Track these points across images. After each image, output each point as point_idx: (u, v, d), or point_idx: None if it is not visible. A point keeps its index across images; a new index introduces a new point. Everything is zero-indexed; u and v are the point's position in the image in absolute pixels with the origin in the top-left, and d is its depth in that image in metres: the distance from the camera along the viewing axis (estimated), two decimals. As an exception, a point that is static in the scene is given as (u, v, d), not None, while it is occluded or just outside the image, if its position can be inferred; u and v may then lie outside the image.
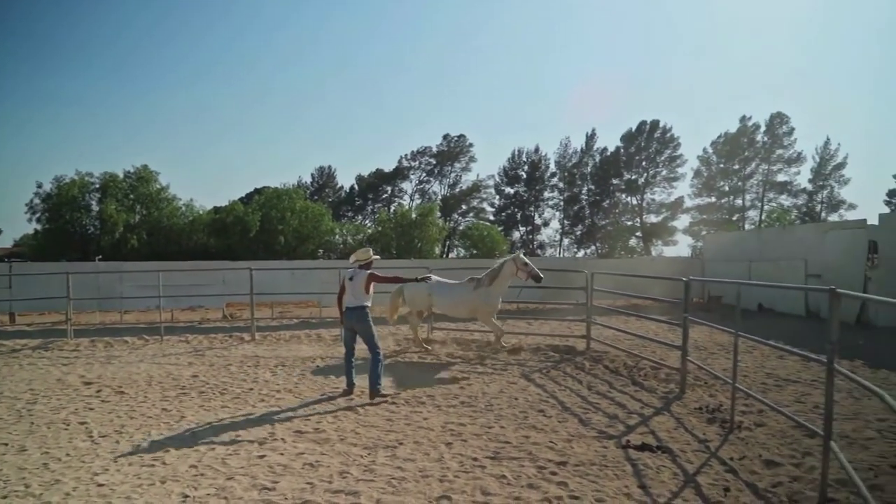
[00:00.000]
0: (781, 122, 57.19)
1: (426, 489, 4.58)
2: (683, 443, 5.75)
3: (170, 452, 5.53)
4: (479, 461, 5.22)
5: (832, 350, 4.12)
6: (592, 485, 4.65)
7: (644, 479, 4.78)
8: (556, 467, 5.04)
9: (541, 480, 4.74)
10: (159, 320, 13.74)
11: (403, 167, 65.24)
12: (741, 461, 5.18)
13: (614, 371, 9.16)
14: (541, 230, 63.97)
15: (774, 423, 6.17)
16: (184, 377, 9.12)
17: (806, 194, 57.64)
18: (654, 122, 60.25)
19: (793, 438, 5.69)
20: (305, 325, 15.30)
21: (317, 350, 11.48)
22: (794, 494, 4.37)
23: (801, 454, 5.24)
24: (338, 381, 8.75)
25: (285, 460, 5.28)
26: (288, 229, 35.87)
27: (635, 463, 5.15)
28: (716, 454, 5.39)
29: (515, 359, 10.24)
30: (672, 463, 5.18)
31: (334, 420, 6.68)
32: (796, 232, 19.29)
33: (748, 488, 4.57)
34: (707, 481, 4.73)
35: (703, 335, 12.38)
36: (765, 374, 8.80)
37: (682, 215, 60.79)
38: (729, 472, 4.94)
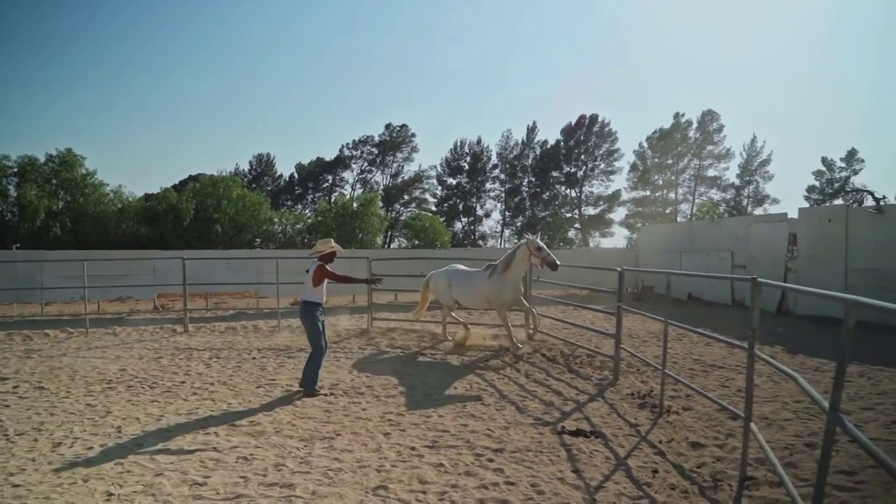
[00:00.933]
0: (712, 119, 59.48)
1: (363, 479, 4.55)
2: (616, 428, 5.93)
3: (93, 449, 5.28)
4: (417, 450, 5.23)
5: (752, 336, 4.32)
6: (528, 470, 4.73)
7: (577, 463, 4.90)
8: (493, 454, 5.10)
9: (478, 468, 4.79)
10: (84, 312, 13.10)
11: (345, 156, 64.25)
12: (669, 444, 5.39)
13: (551, 359, 9.34)
14: (482, 221, 64.46)
15: (701, 407, 6.45)
16: (110, 371, 8.72)
17: (734, 189, 60.25)
18: (592, 116, 61.59)
19: (717, 421, 5.96)
20: (242, 316, 14.94)
21: (253, 341, 11.21)
22: (717, 474, 4.59)
23: (724, 436, 5.50)
24: (274, 373, 8.58)
25: (218, 454, 5.14)
26: (224, 218, 34.75)
27: (570, 448, 5.27)
28: (646, 438, 5.59)
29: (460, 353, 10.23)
30: (605, 447, 5.33)
31: (270, 412, 6.54)
32: (724, 225, 20.17)
33: (675, 469, 4.75)
34: (637, 464, 4.90)
35: (636, 324, 12.79)
36: (693, 361, 9.18)
37: (619, 208, 62.53)
38: (658, 454, 5.13)
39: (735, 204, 58.81)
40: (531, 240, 9.57)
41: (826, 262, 14.40)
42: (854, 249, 13.94)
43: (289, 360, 9.47)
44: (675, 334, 10.80)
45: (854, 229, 14.01)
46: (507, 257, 9.77)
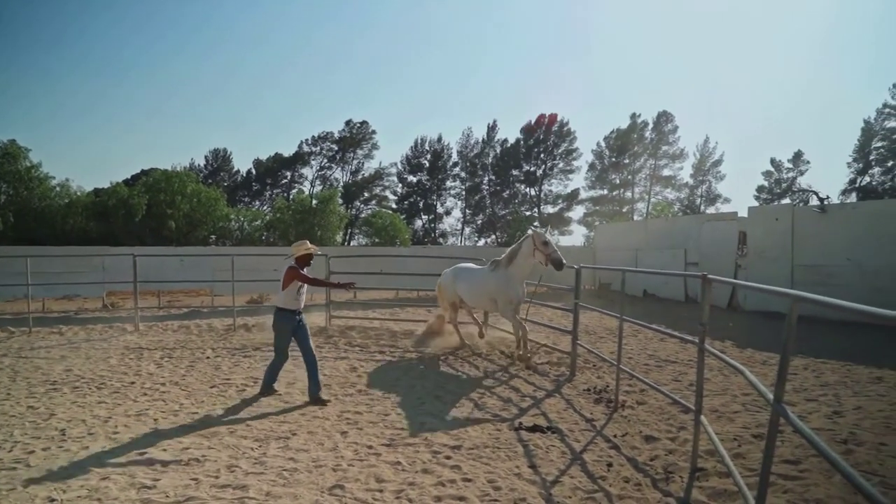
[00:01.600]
0: (667, 120, 60.85)
1: (319, 479, 4.49)
2: (572, 423, 6.00)
3: (35, 453, 5.06)
4: (374, 449, 5.19)
5: (703, 331, 4.42)
6: (485, 467, 4.74)
7: (534, 458, 4.94)
8: (451, 451, 5.10)
9: (435, 465, 4.78)
10: (27, 310, 12.58)
11: (304, 152, 63.38)
12: (624, 438, 5.49)
13: (510, 356, 9.41)
14: (443, 219, 64.53)
15: (654, 401, 6.59)
16: (55, 371, 8.40)
17: (688, 188, 61.81)
18: (552, 115, 62.25)
19: (670, 415, 6.10)
20: (196, 315, 14.58)
21: (207, 340, 10.95)
22: (669, 466, 4.69)
23: (676, 429, 5.63)
24: (229, 372, 8.40)
25: (168, 456, 4.99)
26: (178, 214, 33.89)
27: (526, 444, 5.32)
28: (601, 432, 5.68)
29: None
30: (561, 442, 5.39)
31: (224, 412, 6.39)
32: (678, 223, 20.69)
33: (629, 462, 4.84)
34: (592, 458, 4.97)
35: (593, 320, 13.00)
36: (647, 356, 9.38)
37: (577, 206, 63.41)
38: (612, 448, 5.21)
39: (689, 203, 60.33)
40: (538, 232, 8.40)
41: (773, 258, 14.90)
42: (799, 247, 14.46)
43: (244, 359, 9.30)
44: (631, 330, 11.01)
45: (799, 227, 14.54)
46: (512, 250, 8.83)
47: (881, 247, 12.68)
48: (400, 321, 12.56)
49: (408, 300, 17.58)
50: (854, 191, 52.78)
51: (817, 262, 13.79)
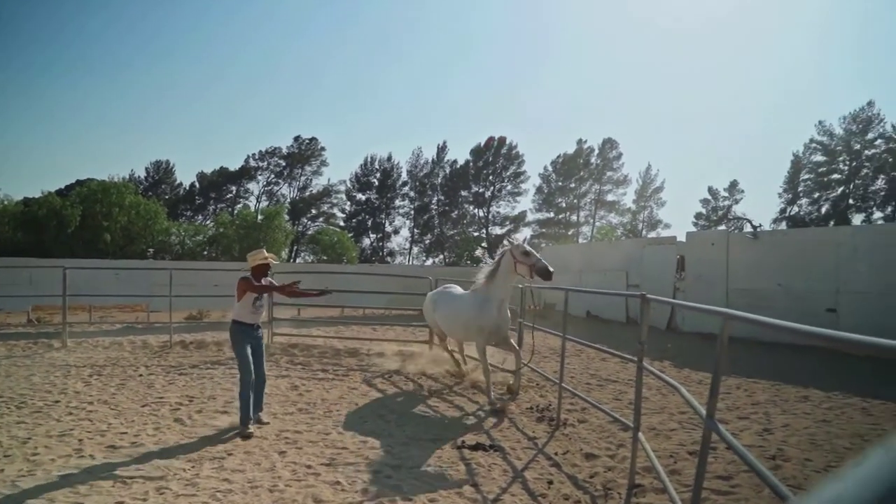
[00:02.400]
0: (612, 147, 62.85)
1: (254, 500, 4.34)
2: (514, 441, 6.02)
3: (-57, 478, 4.71)
4: (313, 468, 5.06)
5: (641, 350, 4.53)
6: (426, 486, 4.69)
7: (476, 477, 4.92)
8: (392, 471, 5.02)
9: (375, 485, 4.69)
10: (-56, 325, 11.79)
11: (250, 167, 62.25)
12: (565, 455, 5.53)
13: (455, 375, 9.38)
14: (391, 238, 64.39)
15: (595, 420, 6.68)
16: (-30, 390, 7.86)
17: (630, 213, 63.81)
18: (501, 138, 63.32)
19: (610, 432, 6.20)
20: (131, 331, 13.97)
21: (141, 358, 10.50)
22: (608, 483, 4.75)
23: (616, 446, 5.72)
24: (163, 390, 8.06)
25: (93, 478, 4.73)
26: (115, 226, 32.60)
27: (469, 462, 5.29)
28: (542, 450, 5.71)
29: (358, 364, 10.02)
30: (503, 460, 5.39)
31: (156, 432, 6.12)
32: (620, 247, 21.26)
33: (569, 480, 4.88)
34: (534, 476, 4.98)
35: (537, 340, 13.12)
36: (589, 375, 9.53)
37: (525, 228, 64.40)
38: (553, 465, 5.25)
39: (631, 227, 62.20)
40: (516, 244, 7.41)
41: (710, 282, 15.46)
42: (734, 271, 15.07)
43: (180, 377, 8.94)
44: (574, 350, 11.18)
45: (734, 253, 15.16)
46: (490, 270, 7.67)
47: (809, 273, 13.34)
48: (344, 339, 12.37)
49: (352, 317, 17.38)
50: (784, 220, 55.60)
51: (750, 286, 14.39)
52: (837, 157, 53.61)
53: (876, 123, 51.60)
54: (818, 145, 54.50)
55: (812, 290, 13.16)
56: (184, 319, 16.12)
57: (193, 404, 7.29)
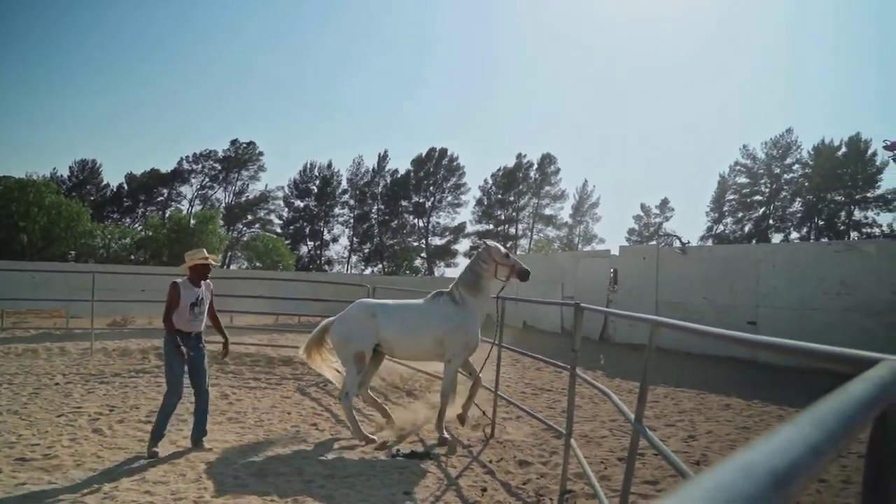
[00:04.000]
0: (550, 162, 64.42)
1: (177, 513, 4.15)
2: (449, 449, 6.01)
3: None
4: (241, 479, 4.89)
5: (574, 357, 4.63)
6: (359, 495, 4.62)
7: (410, 485, 4.87)
8: (324, 480, 4.92)
9: (306, 496, 4.58)
10: None
11: (183, 169, 60.15)
12: (499, 463, 5.57)
13: (391, 384, 9.30)
14: (329, 246, 63.59)
15: (529, 427, 6.76)
16: None
17: (567, 227, 65.46)
18: (442, 149, 63.78)
19: (543, 440, 6.28)
20: (47, 337, 13.16)
21: (58, 366, 9.90)
22: (540, 489, 4.80)
23: (549, 453, 5.80)
24: (81, 399, 7.62)
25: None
26: (33, 227, 30.77)
27: (402, 471, 5.24)
28: (477, 458, 5.73)
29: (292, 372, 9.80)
30: (437, 468, 5.37)
31: (71, 444, 5.76)
32: (556, 259, 21.74)
33: (503, 487, 4.90)
34: (468, 483, 4.99)
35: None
36: (524, 384, 9.66)
37: (464, 239, 65.00)
38: (487, 473, 5.27)
39: (568, 241, 63.78)
40: (493, 246, 6.79)
41: (640, 295, 15.99)
42: (663, 285, 15.65)
43: (100, 385, 8.49)
44: (509, 360, 11.30)
45: (663, 267, 15.75)
46: (474, 274, 6.67)
47: (732, 287, 14.00)
48: (278, 347, 12.07)
49: (287, 325, 17.00)
50: (710, 237, 58.33)
51: (678, 300, 14.97)
52: (759, 180, 56.89)
53: (794, 149, 55.15)
54: (742, 167, 57.68)
55: (735, 303, 13.81)
56: (106, 326, 15.32)
57: (114, 414, 6.94)
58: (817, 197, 53.33)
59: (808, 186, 53.57)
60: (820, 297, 12.16)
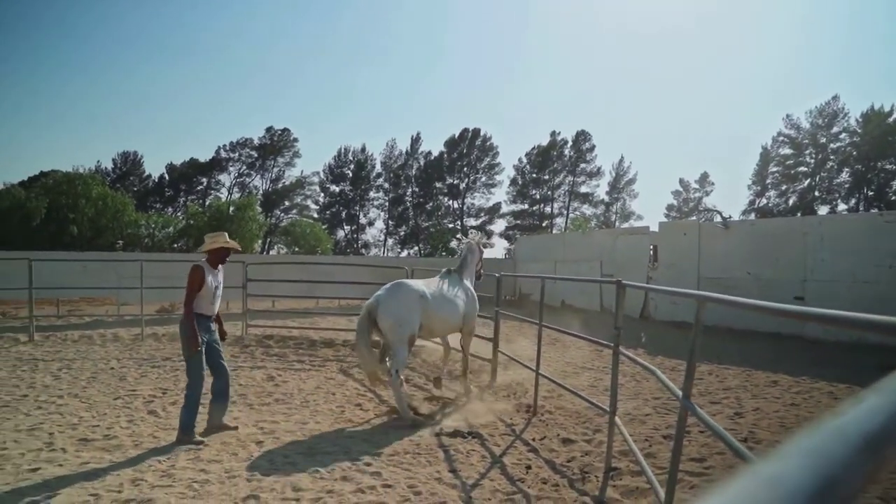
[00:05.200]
0: (585, 139, 63.38)
1: (232, 490, 4.30)
2: (492, 428, 6.06)
3: None
4: (290, 458, 5.03)
5: (617, 335, 4.59)
6: (405, 472, 4.70)
7: (455, 463, 4.94)
8: (371, 458, 5.02)
9: (354, 472, 4.69)
10: None
11: (221, 158, 61.18)
12: (542, 441, 5.59)
13: (431, 364, 9.40)
14: (365, 230, 64.08)
15: (571, 406, 6.75)
16: (-67, 385, 7.64)
17: (604, 205, 64.52)
18: (475, 130, 63.34)
19: (586, 418, 6.27)
20: (100, 324, 13.68)
21: (112, 351, 10.30)
22: (585, 466, 4.81)
23: (592, 431, 5.79)
24: (135, 383, 7.93)
25: (65, 471, 4.64)
26: (82, 219, 31.80)
27: (447, 449, 5.31)
28: (520, 436, 5.76)
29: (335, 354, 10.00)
30: (481, 447, 5.42)
31: (129, 425, 6.02)
32: (594, 237, 21.49)
33: (547, 465, 4.93)
34: (512, 461, 5.03)
35: (512, 329, 13.22)
36: (564, 363, 9.64)
37: (499, 219, 64.73)
38: (531, 451, 5.30)
39: (605, 219, 62.90)
40: (480, 238, 8.32)
41: (681, 271, 15.72)
42: (705, 261, 15.35)
43: (152, 369, 8.80)
44: (549, 339, 11.28)
45: (705, 242, 15.44)
46: (469, 261, 7.82)
47: (777, 262, 13.65)
48: (319, 330, 12.30)
49: (328, 309, 17.29)
50: (753, 211, 56.74)
51: (720, 275, 14.67)
52: (804, 151, 54.86)
53: (841, 117, 52.91)
54: (786, 138, 55.70)
55: (780, 278, 13.47)
56: (155, 312, 15.84)
57: (167, 396, 7.19)
58: (866, 166, 51.19)
59: (857, 155, 51.43)
60: (871, 269, 11.77)
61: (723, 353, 9.92)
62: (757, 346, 11.30)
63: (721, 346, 10.47)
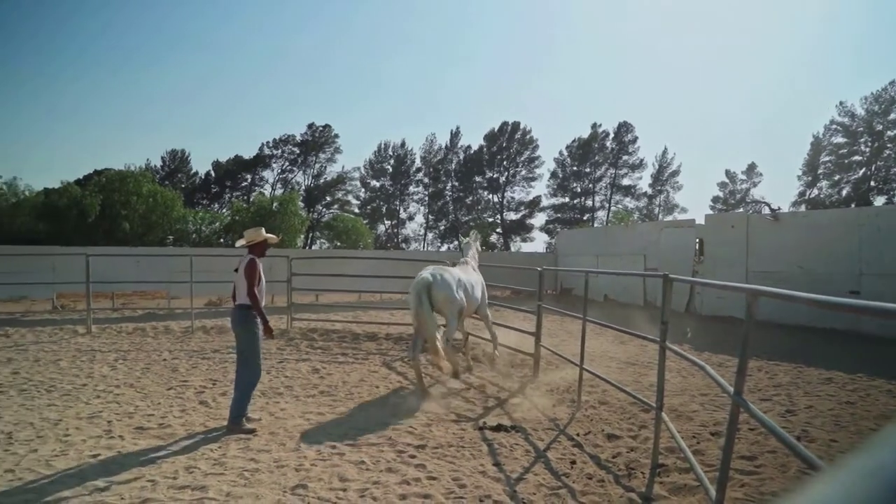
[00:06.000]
0: (627, 130, 62.21)
1: (281, 479, 4.41)
2: (536, 422, 6.04)
3: (-21, 457, 4.83)
4: (337, 449, 5.12)
5: (664, 329, 4.51)
6: (450, 465, 4.73)
7: (498, 457, 4.95)
8: (415, 450, 5.07)
9: (399, 464, 4.75)
10: (-29, 312, 12.01)
11: (265, 155, 62.37)
12: (586, 436, 5.55)
13: (474, 358, 9.42)
14: (405, 224, 64.44)
15: (615, 401, 6.68)
16: (1, 374, 8.03)
17: (646, 197, 63.24)
18: (515, 123, 62.89)
19: (631, 414, 6.20)
20: (152, 317, 14.16)
21: (164, 343, 10.65)
22: (630, 463, 4.76)
23: (637, 427, 5.72)
24: (187, 374, 8.19)
25: (123, 458, 4.83)
26: (133, 215, 32.89)
27: (491, 443, 5.32)
28: (564, 431, 5.72)
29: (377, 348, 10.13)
30: (525, 441, 5.41)
31: (182, 414, 6.23)
32: (637, 230, 21.11)
33: (592, 460, 4.89)
34: (556, 456, 5.00)
35: (554, 324, 13.13)
36: (608, 358, 9.52)
37: (539, 213, 64.20)
38: (576, 446, 5.26)
39: (648, 212, 61.68)
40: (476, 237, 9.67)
41: (729, 264, 15.33)
42: (754, 254, 14.92)
43: (202, 360, 9.07)
44: (592, 333, 11.15)
45: (754, 235, 15.01)
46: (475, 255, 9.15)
47: (830, 255, 13.18)
48: (362, 324, 12.45)
49: (369, 302, 17.49)
50: (803, 202, 54.80)
51: (770, 269, 14.24)
52: (859, 139, 52.59)
53: (898, 104, 50.50)
54: (839, 126, 53.49)
55: (834, 271, 13.00)
56: (203, 305, 16.31)
57: (217, 387, 7.41)
58: (926, 154, 48.85)
59: (917, 143, 49.13)
60: (932, 262, 11.25)
61: (772, 349, 9.64)
62: (809, 341, 10.95)
63: (771, 342, 10.17)
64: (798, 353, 9.71)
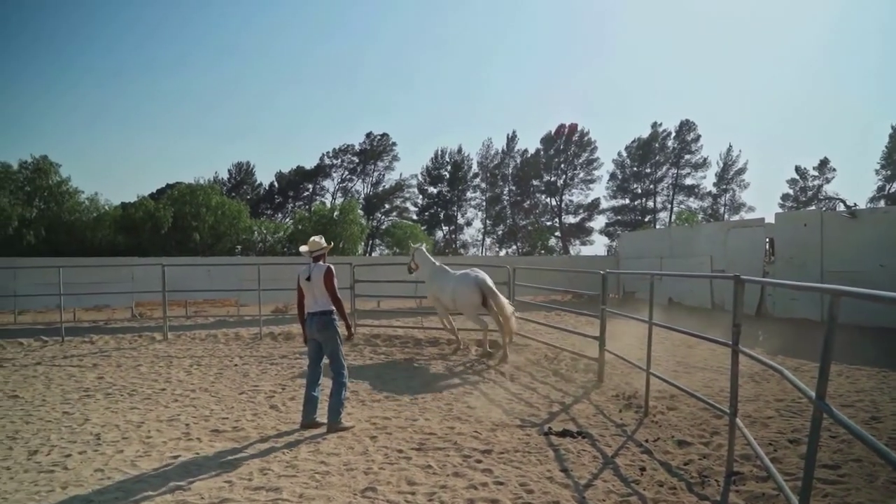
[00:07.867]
0: (689, 129, 60.40)
1: (351, 482, 4.50)
2: (602, 428, 5.94)
3: (72, 457, 5.15)
4: (404, 452, 5.19)
5: (736, 332, 4.36)
6: (516, 470, 4.71)
7: (566, 463, 4.90)
8: (482, 455, 5.08)
9: (466, 469, 4.76)
10: (59, 320, 12.79)
11: (325, 165, 63.94)
12: (655, 443, 5.41)
13: (536, 363, 9.35)
14: (463, 230, 64.60)
15: (685, 407, 6.50)
16: (88, 379, 8.55)
17: (711, 197, 61.19)
18: (572, 125, 62.14)
19: (702, 420, 6.02)
20: (223, 324, 14.72)
21: (235, 349, 11.06)
22: (704, 470, 4.61)
23: (709, 434, 5.54)
24: (257, 379, 8.48)
25: (201, 460, 5.05)
26: (203, 226, 34.33)
27: (557, 448, 5.27)
28: (632, 437, 5.61)
29: (439, 353, 10.23)
30: (592, 447, 5.34)
31: (254, 418, 6.46)
32: (702, 230, 20.46)
33: (662, 467, 4.77)
34: (625, 462, 4.91)
35: (618, 328, 12.84)
36: (676, 363, 9.26)
37: (599, 216, 63.13)
38: (644, 453, 5.15)
39: (712, 212, 59.66)
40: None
41: (802, 265, 14.65)
42: (829, 253, 14.21)
43: (271, 366, 9.37)
44: (657, 338, 10.86)
45: (829, 233, 14.29)
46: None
47: (914, 252, 12.41)
48: (424, 329, 12.57)
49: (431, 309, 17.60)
50: (883, 198, 51.77)
51: (848, 268, 13.50)
52: (943, 128, 49.30)
53: None
54: (921, 116, 50.25)
55: (920, 270, 12.22)
56: (271, 313, 16.83)
57: (286, 392, 7.64)
58: None
59: None
60: None
61: (853, 353, 9.14)
62: (892, 344, 10.31)
63: (851, 345, 9.65)
64: (881, 356, 9.17)
